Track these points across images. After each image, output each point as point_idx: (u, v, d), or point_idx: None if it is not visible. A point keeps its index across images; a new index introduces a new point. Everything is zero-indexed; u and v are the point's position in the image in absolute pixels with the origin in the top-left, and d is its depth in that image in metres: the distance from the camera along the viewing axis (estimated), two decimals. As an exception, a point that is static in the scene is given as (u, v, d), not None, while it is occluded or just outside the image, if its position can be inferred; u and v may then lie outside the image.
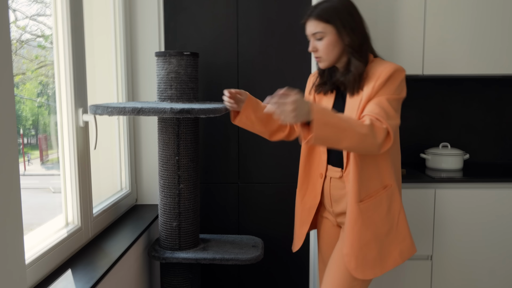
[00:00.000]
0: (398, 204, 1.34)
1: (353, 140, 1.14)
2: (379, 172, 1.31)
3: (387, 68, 1.26)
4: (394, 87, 1.26)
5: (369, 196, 1.30)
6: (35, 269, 1.09)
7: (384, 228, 1.31)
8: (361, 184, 1.29)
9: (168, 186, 1.54)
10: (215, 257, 1.53)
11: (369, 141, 1.16)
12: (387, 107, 1.22)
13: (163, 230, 1.58)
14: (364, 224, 1.29)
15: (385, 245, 1.32)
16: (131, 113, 1.30)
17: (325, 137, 1.12)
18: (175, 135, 1.51)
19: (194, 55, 1.55)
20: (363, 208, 1.29)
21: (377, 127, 1.18)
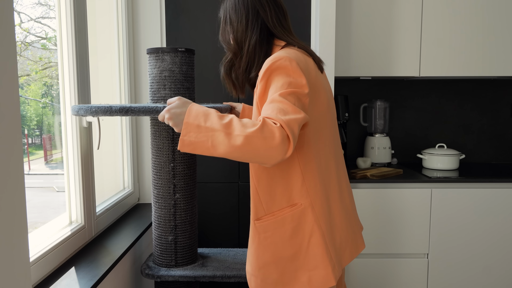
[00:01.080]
0: (310, 226, 1.09)
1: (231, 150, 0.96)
2: (287, 187, 1.10)
3: (265, 63, 1.06)
4: (283, 80, 1.02)
5: (270, 214, 1.11)
6: (39, 267, 1.11)
7: (286, 252, 1.11)
8: (259, 200, 1.12)
9: (163, 196, 1.39)
10: (216, 274, 1.38)
11: (251, 150, 0.95)
12: (282, 103, 0.99)
13: (158, 245, 1.43)
14: (261, 244, 1.12)
15: (289, 269, 1.12)
16: (118, 113, 1.18)
17: (195, 143, 0.99)
18: (169, 140, 1.37)
19: (190, 52, 1.39)
20: (259, 227, 1.12)
21: (269, 131, 0.94)
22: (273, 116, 0.96)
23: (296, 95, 1.02)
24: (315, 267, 1.10)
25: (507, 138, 2.35)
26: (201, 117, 1.00)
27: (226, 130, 0.97)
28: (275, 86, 1.03)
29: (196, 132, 0.99)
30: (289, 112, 0.97)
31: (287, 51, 1.08)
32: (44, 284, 1.10)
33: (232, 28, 1.17)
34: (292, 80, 1.03)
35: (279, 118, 0.95)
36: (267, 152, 0.95)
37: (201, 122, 0.99)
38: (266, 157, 0.96)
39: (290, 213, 1.10)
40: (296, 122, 0.96)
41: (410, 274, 1.93)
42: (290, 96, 1.01)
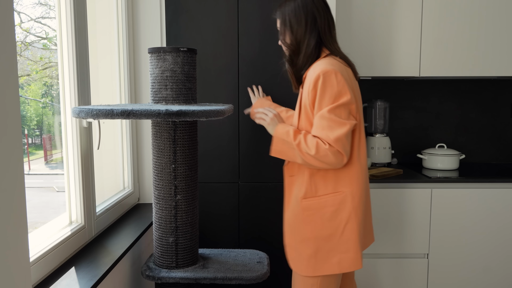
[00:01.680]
0: (348, 213, 1.29)
1: (305, 163, 1.27)
2: (334, 177, 1.31)
3: (315, 73, 1.25)
4: (330, 95, 1.23)
5: (316, 196, 1.32)
6: (39, 267, 1.11)
7: (323, 231, 1.31)
8: (311, 183, 1.32)
9: (164, 198, 1.38)
10: (217, 276, 1.38)
11: (318, 165, 1.25)
12: (329, 120, 1.22)
13: (158, 246, 1.42)
14: (304, 221, 1.32)
15: (323, 248, 1.31)
16: (119, 116, 1.15)
17: (281, 151, 1.32)
18: (171, 141, 1.36)
19: (192, 52, 1.38)
20: (304, 205, 1.32)
21: (322, 152, 1.21)
22: (323, 136, 1.22)
23: (343, 106, 1.23)
24: (347, 250, 1.30)
25: (507, 138, 2.35)
26: (285, 134, 1.30)
27: (298, 147, 1.27)
28: (324, 100, 1.23)
29: (281, 144, 1.31)
30: (336, 128, 1.21)
31: (331, 63, 1.26)
32: (44, 284, 1.10)
33: (291, 30, 1.33)
34: (338, 93, 1.23)
35: (328, 137, 1.21)
36: (330, 165, 1.24)
37: (284, 137, 1.30)
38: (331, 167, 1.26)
39: (331, 198, 1.30)
40: (343, 136, 1.21)
41: (410, 274, 1.93)
42: (337, 109, 1.22)
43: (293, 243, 1.37)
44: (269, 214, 1.97)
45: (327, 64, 1.25)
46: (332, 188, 1.31)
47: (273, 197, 1.96)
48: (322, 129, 1.23)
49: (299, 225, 1.34)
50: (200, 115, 1.20)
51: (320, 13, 1.32)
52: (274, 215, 1.97)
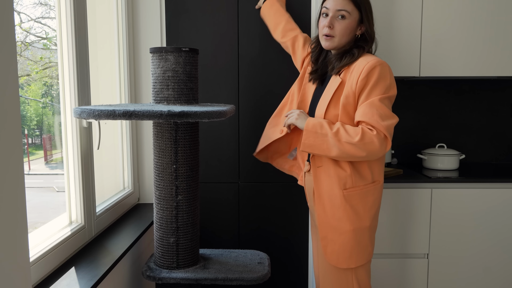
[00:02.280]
0: (380, 201, 1.38)
1: (341, 153, 1.26)
2: (371, 167, 1.34)
3: (370, 63, 1.26)
4: (385, 86, 1.26)
5: (356, 187, 1.32)
6: (39, 267, 1.11)
7: (365, 222, 1.33)
8: (350, 174, 1.32)
9: (165, 198, 1.38)
10: (218, 277, 1.37)
11: (356, 154, 1.25)
12: (380, 108, 1.24)
13: (159, 246, 1.42)
14: (346, 212, 1.32)
15: (364, 238, 1.33)
16: (121, 117, 1.14)
17: (313, 145, 1.30)
18: (172, 141, 1.35)
19: (193, 52, 1.38)
20: (347, 196, 1.31)
21: (368, 138, 1.22)
22: (372, 122, 1.23)
23: (390, 99, 1.27)
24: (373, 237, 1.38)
25: (507, 138, 2.35)
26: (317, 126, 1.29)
27: (336, 137, 1.25)
28: (376, 89, 1.24)
29: (313, 137, 1.29)
30: (387, 117, 1.23)
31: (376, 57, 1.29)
32: (44, 284, 1.10)
33: (369, 27, 1.36)
34: (389, 85, 1.26)
35: (378, 124, 1.22)
36: (369, 155, 1.25)
37: (317, 130, 1.29)
38: (369, 157, 1.26)
39: (372, 187, 1.34)
40: (393, 126, 1.25)
41: (410, 274, 1.93)
42: (386, 100, 1.25)
43: (332, 236, 1.35)
44: (269, 214, 1.97)
45: (376, 57, 1.29)
46: (371, 178, 1.34)
47: (273, 197, 1.96)
48: (372, 115, 1.23)
49: (340, 217, 1.33)
50: (202, 116, 1.19)
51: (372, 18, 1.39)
52: (274, 215, 1.97)
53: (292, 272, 2.00)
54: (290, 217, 1.97)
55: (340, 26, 1.31)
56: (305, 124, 1.32)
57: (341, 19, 1.31)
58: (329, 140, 1.26)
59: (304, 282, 2.01)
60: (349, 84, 1.28)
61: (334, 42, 1.33)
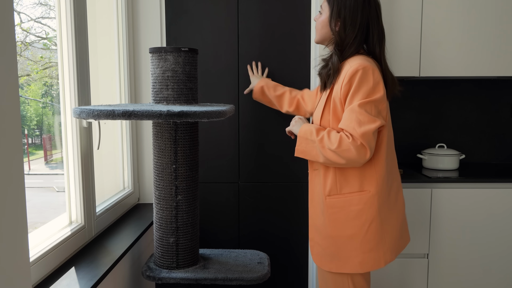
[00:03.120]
0: (373, 213, 1.28)
1: (325, 160, 1.27)
2: (360, 175, 1.29)
3: (352, 67, 1.23)
4: (367, 90, 1.22)
5: (340, 194, 1.30)
6: (39, 267, 1.11)
7: (347, 231, 1.29)
8: (335, 180, 1.31)
9: (165, 198, 1.38)
10: (217, 277, 1.37)
11: (337, 161, 1.24)
12: (359, 113, 1.20)
13: (159, 246, 1.42)
14: (327, 218, 1.32)
15: (346, 248, 1.30)
16: (121, 117, 1.14)
17: (305, 151, 1.32)
18: (171, 141, 1.35)
19: (193, 52, 1.37)
20: (328, 203, 1.31)
21: (344, 145, 1.20)
22: (349, 129, 1.21)
23: (374, 103, 1.22)
24: (369, 250, 1.29)
25: (507, 138, 2.35)
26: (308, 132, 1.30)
27: (320, 143, 1.26)
28: (357, 94, 1.22)
29: (305, 143, 1.31)
30: (365, 123, 1.20)
31: (367, 59, 1.26)
32: (44, 284, 1.10)
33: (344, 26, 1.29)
34: (372, 89, 1.22)
35: (354, 131, 1.20)
36: (349, 162, 1.23)
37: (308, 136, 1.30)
38: (350, 164, 1.24)
39: (358, 197, 1.28)
40: (370, 132, 1.19)
41: (410, 274, 1.93)
42: (367, 105, 1.21)
43: (317, 239, 1.37)
44: (269, 214, 1.97)
45: (364, 60, 1.25)
46: (358, 187, 1.29)
47: (273, 197, 1.97)
48: (350, 122, 1.21)
49: (323, 222, 1.34)
50: (202, 116, 1.19)
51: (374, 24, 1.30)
52: (274, 215, 1.97)
53: (291, 272, 2.00)
54: (290, 217, 1.97)
55: (317, 21, 1.36)
56: (299, 131, 1.35)
57: (319, 15, 1.36)
58: (316, 146, 1.28)
59: (304, 282, 2.01)
60: (336, 90, 1.28)
61: (316, 35, 1.38)
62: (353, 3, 1.28)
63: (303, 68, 1.91)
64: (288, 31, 1.89)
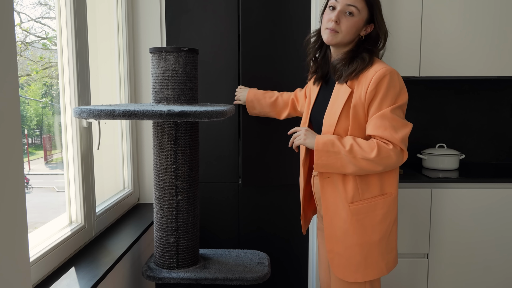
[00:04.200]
0: (395, 214, 1.30)
1: (357, 170, 1.22)
2: (381, 178, 1.27)
3: (378, 73, 1.20)
4: (395, 95, 1.21)
5: (364, 200, 1.27)
6: (39, 267, 1.11)
7: (374, 236, 1.27)
8: (356, 186, 1.26)
9: (165, 198, 1.38)
10: (218, 277, 1.37)
11: (373, 169, 1.21)
12: (392, 119, 1.19)
13: (159, 246, 1.42)
14: (352, 226, 1.26)
15: (372, 254, 1.27)
16: (121, 116, 1.14)
17: (327, 164, 1.25)
18: (172, 141, 1.35)
19: (193, 52, 1.37)
20: (353, 210, 1.26)
21: (384, 153, 1.18)
22: (386, 135, 1.19)
23: (402, 107, 1.23)
24: (391, 251, 1.31)
25: (507, 138, 2.35)
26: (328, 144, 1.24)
27: (351, 154, 1.21)
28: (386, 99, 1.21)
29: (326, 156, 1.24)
30: (400, 128, 1.20)
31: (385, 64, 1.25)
32: (44, 284, 1.10)
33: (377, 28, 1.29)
34: (399, 93, 1.22)
35: (393, 137, 1.19)
36: (386, 168, 1.22)
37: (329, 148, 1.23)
38: (386, 169, 1.23)
39: (382, 200, 1.27)
40: (407, 136, 1.21)
41: (410, 274, 1.93)
42: (398, 109, 1.21)
43: (340, 250, 1.30)
44: (269, 214, 1.97)
45: (386, 64, 1.25)
46: (379, 190, 1.27)
47: (273, 197, 1.96)
48: (385, 129, 1.19)
49: (346, 230, 1.27)
50: (202, 116, 1.19)
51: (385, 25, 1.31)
52: (274, 215, 1.97)
53: (292, 272, 2.00)
54: (290, 217, 1.97)
55: (348, 22, 1.23)
56: (315, 144, 1.25)
57: (349, 16, 1.24)
58: (343, 157, 1.21)
59: (303, 282, 2.01)
60: (358, 95, 1.23)
61: (338, 37, 1.25)
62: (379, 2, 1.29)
63: (304, 69, 1.91)
64: (289, 31, 1.89)
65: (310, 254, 1.98)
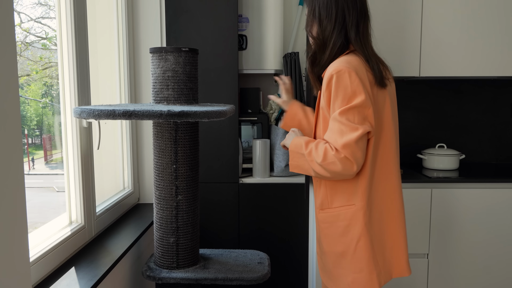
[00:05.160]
0: (360, 229, 1.17)
1: (315, 174, 1.18)
2: (348, 187, 1.19)
3: (328, 72, 1.14)
4: (342, 96, 1.11)
5: (331, 208, 1.23)
6: (39, 267, 1.11)
7: (337, 247, 1.22)
8: (326, 193, 1.24)
9: (165, 198, 1.38)
10: (218, 277, 1.37)
11: (324, 175, 1.15)
12: (340, 123, 1.11)
13: (159, 246, 1.42)
14: (321, 233, 1.27)
15: (338, 265, 1.22)
16: (121, 116, 1.14)
17: (298, 165, 1.24)
18: (172, 141, 1.35)
19: (193, 52, 1.37)
20: (320, 217, 1.26)
21: (329, 158, 1.11)
22: (331, 140, 1.12)
23: (356, 109, 1.10)
24: (360, 270, 1.18)
25: (507, 138, 2.35)
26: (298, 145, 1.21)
27: (309, 157, 1.17)
28: (337, 101, 1.13)
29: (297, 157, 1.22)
30: (346, 133, 1.09)
31: (348, 60, 1.15)
32: (44, 284, 1.10)
33: (320, 23, 1.20)
34: (351, 94, 1.11)
35: (336, 142, 1.10)
36: (335, 175, 1.13)
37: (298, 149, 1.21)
38: (337, 177, 1.15)
39: (344, 211, 1.20)
40: (353, 141, 1.09)
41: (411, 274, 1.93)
42: (349, 111, 1.10)
43: (318, 252, 1.35)
44: (269, 214, 1.97)
45: (343, 62, 1.14)
46: (346, 200, 1.19)
47: (273, 197, 1.96)
48: (332, 133, 1.12)
49: (320, 236, 1.29)
50: (202, 116, 1.18)
51: (350, 9, 1.18)
52: (274, 215, 1.97)
53: (292, 272, 2.00)
54: (290, 217, 1.97)
55: None
56: (290, 145, 1.27)
57: None
58: (306, 159, 1.19)
59: (303, 282, 2.01)
60: (322, 96, 1.20)
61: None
62: None
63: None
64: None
65: (310, 254, 1.98)
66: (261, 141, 1.89)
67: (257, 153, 1.90)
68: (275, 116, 1.96)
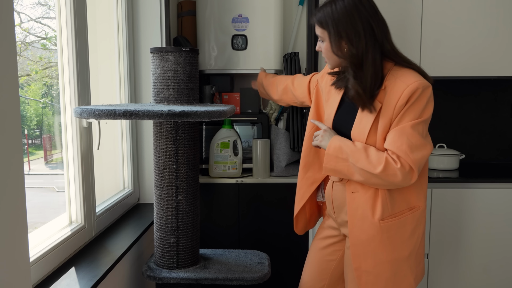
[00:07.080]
0: (423, 227, 1.26)
1: (363, 180, 1.18)
2: (407, 192, 1.22)
3: (410, 86, 1.11)
4: (420, 109, 1.12)
5: (393, 215, 1.21)
6: (39, 267, 1.11)
7: (403, 252, 1.22)
8: (386, 201, 1.20)
9: (165, 198, 1.38)
10: (218, 277, 1.37)
11: (377, 184, 1.16)
12: (411, 136, 1.11)
13: (159, 246, 1.42)
14: (382, 243, 1.21)
15: (402, 269, 1.23)
16: (122, 116, 1.14)
17: (335, 170, 1.23)
18: (172, 141, 1.35)
19: (194, 52, 1.37)
20: (383, 227, 1.20)
21: (390, 171, 1.11)
22: (400, 152, 1.12)
23: (425, 122, 1.14)
24: (419, 263, 1.28)
25: (507, 138, 2.35)
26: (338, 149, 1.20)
27: (357, 163, 1.15)
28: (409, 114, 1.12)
29: (335, 162, 1.21)
30: (417, 148, 1.12)
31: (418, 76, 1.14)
32: (44, 284, 1.10)
33: (350, 41, 1.15)
34: (424, 107, 1.13)
35: (407, 156, 1.11)
36: (390, 185, 1.16)
37: (338, 154, 1.20)
38: (390, 187, 1.18)
39: (411, 215, 1.22)
40: (423, 159, 1.13)
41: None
42: (420, 125, 1.13)
43: (366, 267, 1.24)
44: (269, 214, 1.97)
45: (417, 76, 1.14)
46: (407, 204, 1.21)
47: (273, 197, 1.96)
48: (400, 145, 1.11)
49: (375, 247, 1.22)
50: (203, 116, 1.19)
51: (373, 18, 1.15)
52: (274, 215, 1.97)
53: (292, 272, 2.00)
54: (290, 217, 1.97)
55: (323, 49, 1.23)
56: (327, 147, 1.23)
57: (322, 43, 1.23)
58: (350, 165, 1.18)
59: (304, 282, 2.00)
60: (386, 109, 1.15)
61: (329, 64, 1.26)
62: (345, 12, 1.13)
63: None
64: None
65: (310, 254, 1.98)
66: (261, 141, 1.89)
67: (257, 153, 1.90)
68: (275, 116, 1.97)
